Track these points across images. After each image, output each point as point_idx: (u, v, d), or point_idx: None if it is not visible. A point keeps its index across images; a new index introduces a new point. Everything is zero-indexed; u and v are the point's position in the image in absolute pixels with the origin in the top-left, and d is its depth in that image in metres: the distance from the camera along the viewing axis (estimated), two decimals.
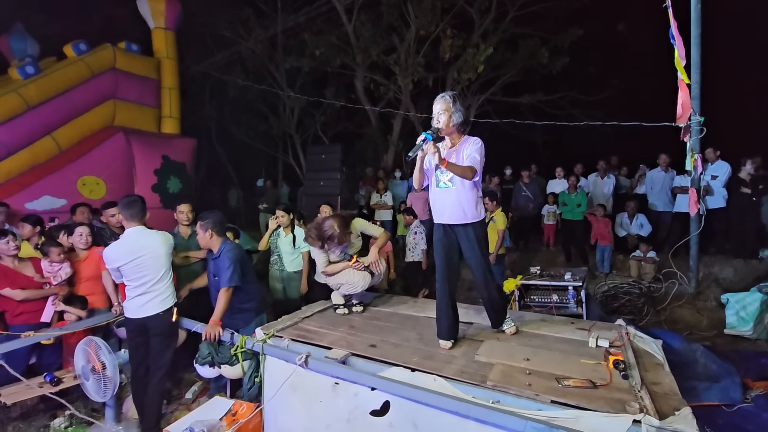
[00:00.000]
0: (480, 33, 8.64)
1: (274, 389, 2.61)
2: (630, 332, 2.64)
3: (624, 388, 2.00)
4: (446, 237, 2.53)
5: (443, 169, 2.42)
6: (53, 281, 3.40)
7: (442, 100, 2.45)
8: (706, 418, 2.65)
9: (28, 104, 6.06)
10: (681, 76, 4.05)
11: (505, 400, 1.98)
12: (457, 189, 2.45)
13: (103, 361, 2.93)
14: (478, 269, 2.53)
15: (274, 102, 11.24)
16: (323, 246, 3.15)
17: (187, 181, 7.94)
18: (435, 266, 2.63)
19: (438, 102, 2.46)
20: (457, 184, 2.44)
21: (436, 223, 2.58)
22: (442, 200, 2.50)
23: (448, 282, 2.58)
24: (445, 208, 2.49)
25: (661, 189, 6.25)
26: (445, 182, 2.48)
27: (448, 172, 2.42)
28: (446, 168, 2.33)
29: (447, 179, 2.47)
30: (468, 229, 2.48)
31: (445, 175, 2.47)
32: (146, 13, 8.09)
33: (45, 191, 6.00)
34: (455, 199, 2.45)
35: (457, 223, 2.48)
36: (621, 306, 4.93)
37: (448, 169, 2.34)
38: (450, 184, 2.46)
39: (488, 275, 2.57)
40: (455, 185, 2.45)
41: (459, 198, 2.45)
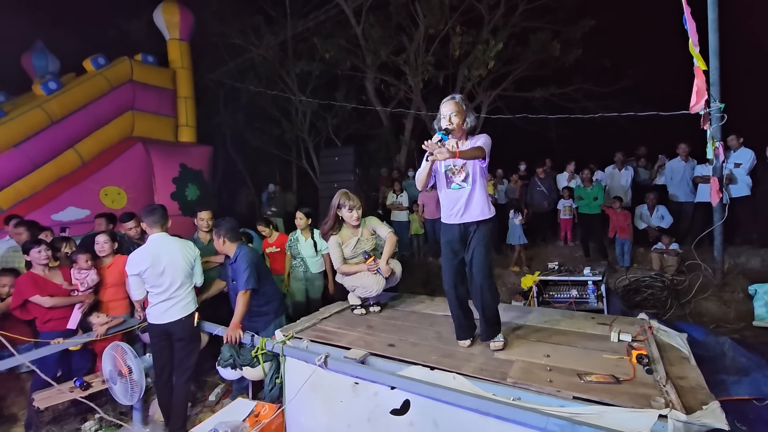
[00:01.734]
0: (490, 29, 8.58)
1: (294, 390, 2.64)
2: (653, 326, 2.59)
3: (648, 382, 1.96)
4: (456, 238, 2.49)
5: (454, 169, 2.41)
6: (80, 288, 3.51)
7: (453, 102, 2.41)
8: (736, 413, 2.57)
9: (51, 119, 6.28)
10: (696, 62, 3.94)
11: (526, 396, 1.96)
12: (473, 188, 2.43)
13: (129, 366, 3.02)
14: (481, 270, 2.43)
15: (286, 107, 11.37)
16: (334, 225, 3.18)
17: (205, 187, 8.10)
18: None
19: (448, 103, 2.42)
20: (472, 183, 2.42)
21: (447, 223, 2.53)
22: (457, 200, 2.45)
23: (457, 286, 2.54)
24: (461, 207, 2.44)
25: (682, 179, 6.07)
26: (458, 183, 2.45)
27: (461, 172, 2.42)
28: (458, 157, 2.25)
29: (460, 180, 2.44)
30: (482, 226, 2.45)
31: (458, 176, 2.44)
32: (161, 24, 8.29)
33: (69, 202, 6.20)
34: (472, 198, 2.43)
35: (474, 221, 2.44)
36: (643, 300, 4.82)
37: (461, 157, 2.26)
38: (465, 185, 2.44)
39: (489, 278, 2.48)
40: (469, 185, 2.43)
41: (476, 196, 2.43)
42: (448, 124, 2.36)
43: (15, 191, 5.86)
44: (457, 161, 2.42)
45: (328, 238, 3.27)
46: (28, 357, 3.02)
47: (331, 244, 3.25)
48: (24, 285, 3.30)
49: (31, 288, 3.29)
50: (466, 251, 2.47)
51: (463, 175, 2.43)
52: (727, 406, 2.68)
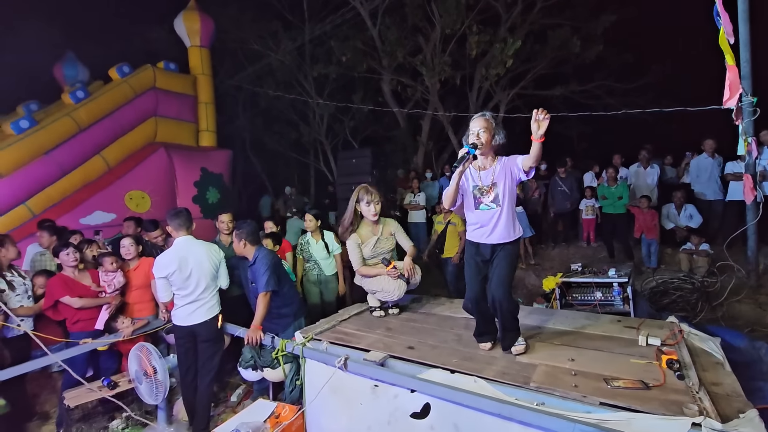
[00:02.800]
0: (507, 27, 8.46)
1: (315, 392, 2.65)
2: (684, 330, 2.49)
3: (680, 389, 1.88)
4: (481, 257, 2.48)
5: (483, 189, 2.41)
6: (108, 290, 3.61)
7: (483, 119, 2.39)
8: None
9: (79, 126, 6.50)
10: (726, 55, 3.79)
11: (550, 401, 1.91)
12: (502, 210, 2.39)
13: (154, 366, 3.09)
14: (500, 285, 2.41)
15: (304, 110, 11.49)
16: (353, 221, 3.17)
17: (225, 191, 8.24)
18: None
19: (478, 120, 2.40)
20: (503, 204, 2.39)
21: (472, 241, 2.51)
22: (486, 222, 2.43)
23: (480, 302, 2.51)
24: (489, 229, 2.42)
25: (710, 177, 5.85)
26: (487, 204, 2.42)
27: (491, 193, 2.39)
28: (541, 142, 2.18)
29: (490, 200, 2.41)
30: (508, 246, 2.43)
31: (486, 197, 2.41)
32: (182, 32, 8.49)
33: (96, 207, 6.40)
34: (502, 220, 2.39)
35: (502, 242, 2.42)
36: (671, 302, 4.65)
37: (534, 151, 2.20)
38: (493, 205, 2.40)
39: (507, 293, 2.43)
40: (500, 206, 2.39)
41: (506, 218, 2.40)
42: (476, 139, 2.34)
43: (46, 196, 6.09)
44: (486, 180, 2.42)
45: (347, 237, 3.21)
46: (60, 356, 3.13)
47: (350, 244, 3.19)
48: (55, 286, 3.42)
49: (61, 289, 3.41)
50: (491, 269, 2.47)
51: (492, 195, 2.40)
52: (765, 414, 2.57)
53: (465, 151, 2.25)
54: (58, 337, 3.47)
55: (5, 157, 5.69)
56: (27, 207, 5.88)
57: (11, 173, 5.74)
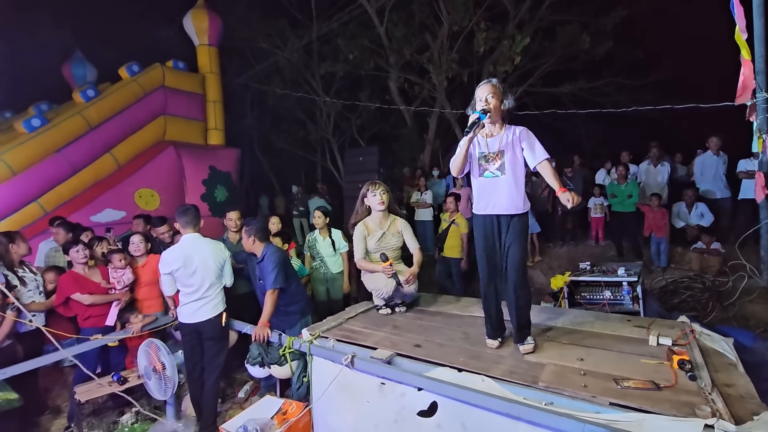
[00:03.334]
0: (515, 23, 8.40)
1: (321, 389, 2.66)
2: (695, 329, 2.45)
3: (692, 390, 1.85)
4: (490, 230, 2.39)
5: (489, 156, 2.35)
6: (117, 287, 3.65)
7: (489, 85, 2.34)
8: None
9: (90, 125, 6.58)
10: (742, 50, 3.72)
11: (559, 401, 1.89)
12: (507, 178, 2.32)
13: (163, 362, 3.11)
14: (515, 266, 2.34)
15: (311, 108, 11.51)
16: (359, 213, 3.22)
17: (233, 189, 8.29)
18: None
19: (485, 86, 2.34)
20: (508, 172, 2.32)
21: (479, 215, 2.42)
22: (490, 190, 2.35)
23: (492, 283, 2.46)
24: (493, 198, 2.35)
25: (715, 174, 5.77)
26: (492, 171, 2.34)
27: (497, 160, 2.33)
28: (561, 193, 2.22)
29: (495, 168, 2.33)
30: (515, 220, 2.34)
31: (492, 164, 2.34)
32: (191, 31, 8.55)
33: (107, 205, 6.48)
34: (505, 189, 2.32)
35: (506, 214, 2.34)
36: (682, 302, 4.58)
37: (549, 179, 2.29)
38: (498, 173, 2.33)
39: (524, 275, 2.39)
40: (505, 174, 2.32)
41: (510, 187, 2.32)
42: (485, 105, 2.28)
43: (57, 194, 6.17)
44: (492, 147, 2.35)
45: (354, 228, 3.25)
46: (71, 352, 3.17)
47: (355, 234, 3.22)
48: (66, 283, 3.47)
49: (72, 286, 3.45)
50: (501, 248, 2.37)
51: (498, 162, 2.33)
52: None
53: (476, 117, 2.21)
54: (69, 333, 3.51)
55: (18, 155, 5.78)
56: (39, 204, 5.97)
57: (23, 171, 5.83)
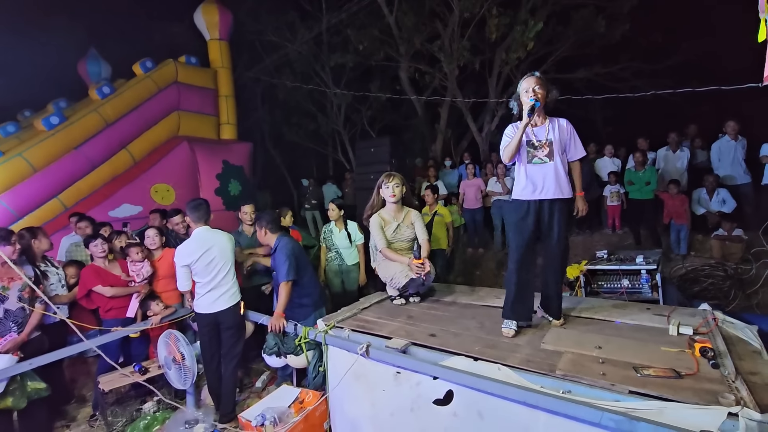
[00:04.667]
0: (528, 8, 8.18)
1: (337, 378, 2.68)
2: (718, 317, 2.39)
3: (714, 378, 1.81)
4: (534, 215, 2.48)
5: (536, 144, 2.48)
6: (137, 279, 3.73)
7: (534, 78, 2.47)
8: None
9: (106, 122, 6.68)
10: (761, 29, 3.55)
11: (577, 390, 1.87)
12: (555, 164, 2.46)
13: (182, 352, 3.18)
14: (558, 246, 2.49)
15: (322, 100, 11.48)
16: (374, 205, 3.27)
17: (246, 183, 8.36)
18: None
19: (529, 78, 2.48)
20: (556, 159, 2.46)
21: (521, 200, 2.51)
22: (539, 176, 2.47)
23: (522, 268, 2.52)
24: (542, 183, 2.46)
25: (733, 160, 5.60)
26: (540, 158, 2.48)
27: (545, 147, 2.47)
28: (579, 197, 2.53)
29: (543, 155, 2.47)
30: (562, 204, 2.48)
31: (540, 151, 2.48)
32: (202, 26, 8.58)
33: (124, 200, 6.60)
34: (554, 174, 2.45)
35: (554, 198, 2.46)
36: (702, 290, 4.48)
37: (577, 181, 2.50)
38: (546, 159, 2.46)
39: (565, 255, 2.54)
40: (554, 160, 2.46)
41: (558, 172, 2.46)
42: (534, 95, 2.40)
43: (76, 190, 6.31)
44: (540, 135, 2.48)
45: (368, 220, 3.30)
46: (94, 342, 3.26)
47: (373, 225, 3.25)
48: (87, 276, 3.56)
49: (93, 278, 3.54)
50: (546, 232, 2.49)
51: (546, 150, 2.47)
52: None
53: (532, 104, 2.36)
54: (92, 325, 3.62)
55: (38, 152, 5.91)
56: (59, 200, 6.11)
57: (44, 168, 5.96)
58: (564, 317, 2.63)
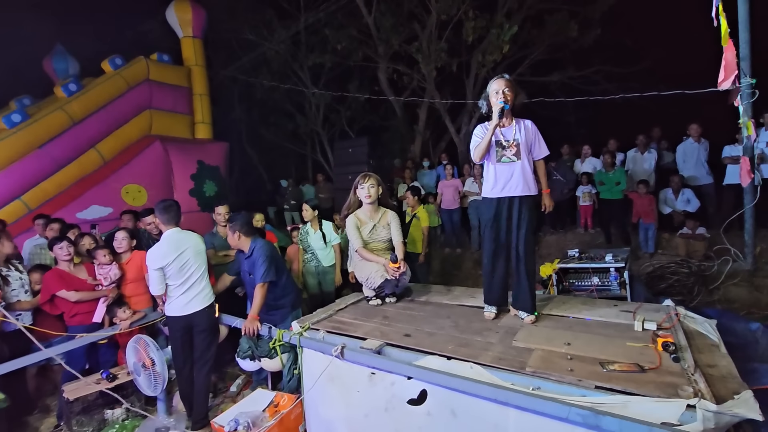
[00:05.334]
0: (504, 12, 8.34)
1: (312, 380, 2.66)
2: (680, 313, 2.49)
3: (675, 371, 1.88)
4: (503, 211, 2.61)
5: (505, 143, 2.60)
6: (104, 283, 3.60)
7: (504, 80, 2.57)
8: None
9: (73, 120, 6.44)
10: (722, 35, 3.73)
11: (546, 386, 1.92)
12: (522, 162, 2.59)
13: (152, 358, 3.09)
14: (524, 241, 2.60)
15: (300, 100, 11.39)
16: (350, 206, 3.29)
17: (222, 183, 8.20)
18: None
19: (499, 80, 2.58)
20: (523, 158, 2.58)
21: (492, 197, 2.65)
22: (508, 174, 2.59)
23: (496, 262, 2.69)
24: (510, 180, 2.59)
25: (697, 161, 5.89)
26: (509, 156, 2.60)
27: (513, 146, 2.59)
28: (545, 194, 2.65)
29: (511, 154, 2.59)
30: (528, 200, 2.60)
31: (509, 151, 2.60)
32: (174, 22, 8.37)
33: (93, 201, 6.38)
34: (521, 172, 2.58)
35: (522, 195, 2.59)
36: (669, 287, 4.65)
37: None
38: (514, 158, 2.59)
39: (533, 248, 2.66)
40: (521, 159, 2.58)
41: (525, 171, 2.58)
42: (503, 98, 2.51)
43: (41, 191, 6.06)
44: (507, 135, 2.60)
45: (344, 220, 3.31)
46: (54, 351, 3.13)
47: (348, 226, 3.26)
48: (50, 280, 3.41)
49: (57, 283, 3.40)
50: (512, 229, 2.62)
51: (514, 149, 2.59)
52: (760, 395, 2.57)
53: (501, 107, 2.47)
54: (58, 331, 3.47)
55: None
56: (22, 202, 5.86)
57: (5, 168, 5.71)
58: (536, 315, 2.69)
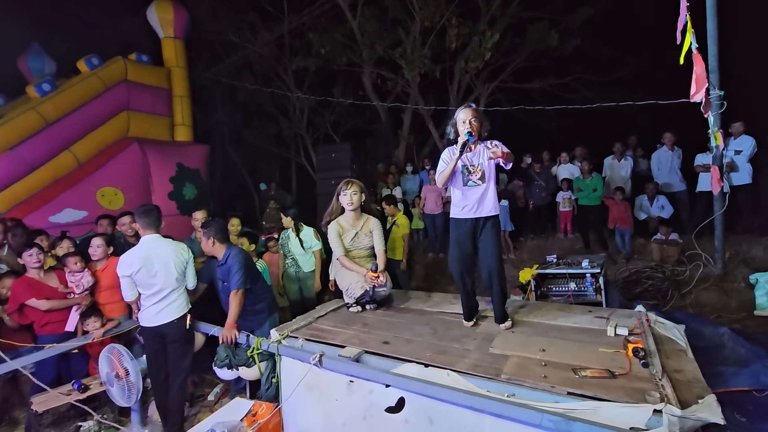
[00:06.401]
0: (487, 20, 8.47)
1: (290, 389, 2.63)
2: (651, 318, 2.56)
3: (644, 376, 1.93)
4: (470, 231, 2.70)
5: (471, 168, 2.69)
6: (76, 291, 3.50)
7: (471, 109, 2.65)
8: (735, 404, 2.55)
9: (46, 121, 6.25)
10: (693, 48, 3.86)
11: (521, 393, 1.94)
12: (487, 186, 2.69)
13: (126, 368, 3.02)
14: (493, 257, 2.68)
15: (284, 104, 11.31)
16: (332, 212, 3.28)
17: (202, 187, 8.08)
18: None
19: (466, 110, 2.64)
20: (488, 182, 2.68)
21: (459, 218, 2.73)
22: (474, 197, 2.68)
23: (464, 276, 2.76)
24: (477, 203, 2.68)
25: (670, 169, 6.10)
26: (475, 181, 2.69)
27: (477, 171, 2.68)
28: (505, 158, 2.55)
29: (477, 178, 2.69)
30: (493, 219, 2.71)
31: (474, 175, 2.69)
32: (155, 23, 8.23)
33: (67, 204, 6.19)
34: (486, 195, 2.69)
35: (488, 215, 2.69)
36: (643, 291, 4.77)
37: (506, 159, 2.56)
38: (480, 182, 2.69)
39: (501, 264, 2.73)
40: (486, 183, 2.68)
41: (490, 193, 2.69)
42: (470, 128, 2.59)
43: (12, 194, 5.85)
44: (474, 161, 2.69)
45: (326, 227, 3.29)
46: (20, 362, 3.03)
47: (330, 232, 3.25)
48: (19, 289, 3.30)
49: (26, 292, 3.29)
50: (483, 245, 2.71)
51: (479, 173, 2.68)
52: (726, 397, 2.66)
53: (465, 139, 2.53)
54: (28, 341, 3.36)
55: None
56: None
57: None
58: (513, 321, 2.74)
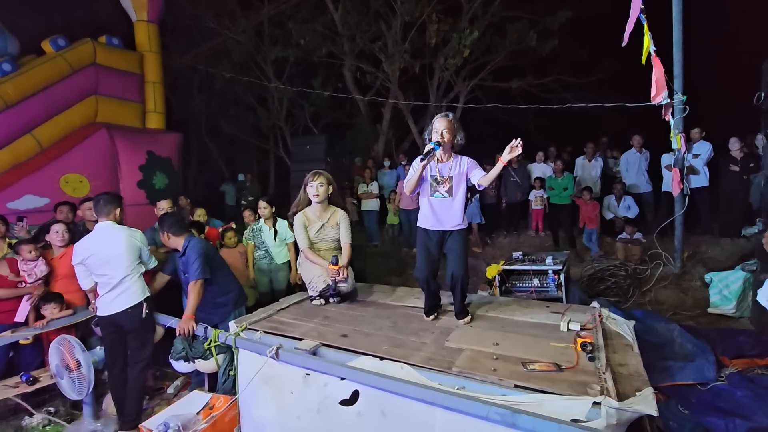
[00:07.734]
0: (468, 18, 8.50)
1: (246, 382, 2.60)
2: (603, 314, 2.62)
3: (589, 370, 1.98)
4: (434, 242, 2.71)
5: (440, 179, 2.66)
6: (28, 280, 3.37)
7: (446, 119, 2.61)
8: (679, 397, 2.65)
9: (6, 102, 5.96)
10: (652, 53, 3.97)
11: (471, 386, 1.96)
12: (454, 200, 2.65)
13: (77, 359, 2.92)
14: (459, 265, 2.67)
15: (263, 94, 11.12)
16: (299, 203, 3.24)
17: (174, 176, 7.87)
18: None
19: (442, 120, 2.61)
20: (455, 195, 2.65)
21: (426, 228, 2.72)
22: (440, 209, 2.67)
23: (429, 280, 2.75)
24: (442, 216, 2.67)
25: (638, 170, 6.29)
26: (442, 193, 2.66)
27: (445, 183, 2.65)
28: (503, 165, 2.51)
29: (444, 190, 2.65)
30: (457, 232, 2.70)
31: (442, 186, 2.66)
32: (128, 5, 7.92)
33: (27, 190, 5.93)
34: (452, 209, 2.66)
35: (453, 229, 2.68)
36: (606, 288, 4.91)
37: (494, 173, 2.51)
38: (447, 195, 2.65)
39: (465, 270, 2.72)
40: (453, 196, 2.65)
41: (456, 207, 2.66)
42: (440, 138, 2.56)
43: None
44: (444, 172, 2.65)
45: (293, 218, 3.25)
46: None
47: (296, 224, 3.21)
48: None
49: None
50: (446, 248, 2.72)
51: (447, 186, 2.65)
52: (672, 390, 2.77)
53: (431, 147, 2.50)
54: None
55: None
56: None
57: None
58: (472, 316, 2.76)
